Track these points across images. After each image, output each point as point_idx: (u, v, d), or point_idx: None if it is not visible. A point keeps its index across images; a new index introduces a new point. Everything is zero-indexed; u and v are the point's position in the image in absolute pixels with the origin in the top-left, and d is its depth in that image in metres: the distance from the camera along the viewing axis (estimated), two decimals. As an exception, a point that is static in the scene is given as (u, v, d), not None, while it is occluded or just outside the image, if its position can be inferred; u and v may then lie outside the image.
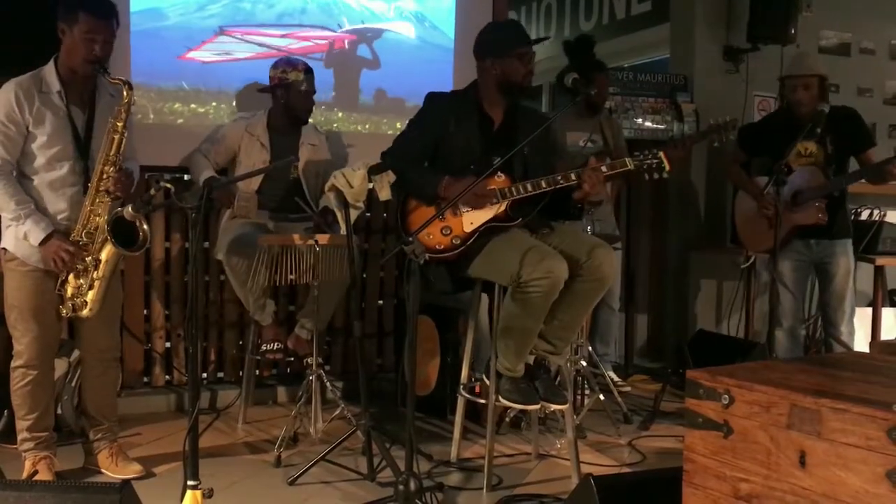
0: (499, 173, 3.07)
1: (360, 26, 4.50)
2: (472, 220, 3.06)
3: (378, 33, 4.53)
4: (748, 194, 4.30)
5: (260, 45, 4.28)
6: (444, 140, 3.17)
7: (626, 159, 3.05)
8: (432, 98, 3.29)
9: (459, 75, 4.52)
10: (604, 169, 3.02)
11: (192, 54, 4.15)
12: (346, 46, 4.48)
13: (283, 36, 4.33)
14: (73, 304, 2.99)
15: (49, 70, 2.97)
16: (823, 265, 4.05)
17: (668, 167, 3.02)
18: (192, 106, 4.18)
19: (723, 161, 5.19)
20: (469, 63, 4.53)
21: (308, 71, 3.89)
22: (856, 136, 3.96)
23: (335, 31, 4.43)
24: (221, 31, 4.22)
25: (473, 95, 3.23)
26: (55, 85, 2.95)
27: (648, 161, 3.02)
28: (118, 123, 2.94)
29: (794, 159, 3.97)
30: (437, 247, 3.04)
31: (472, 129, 3.17)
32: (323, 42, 4.42)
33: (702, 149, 5.12)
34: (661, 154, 3.02)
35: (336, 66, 4.45)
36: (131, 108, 2.97)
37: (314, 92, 3.92)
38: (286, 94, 3.86)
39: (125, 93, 2.94)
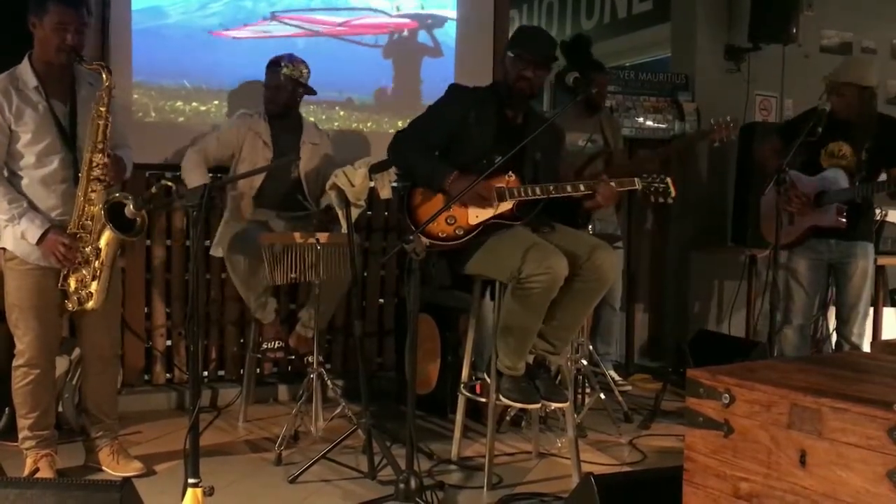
0: (509, 173, 3.08)
1: (421, 11, 4.55)
2: (478, 213, 3.07)
3: (440, 21, 4.58)
4: (765, 174, 4.25)
5: (309, 30, 4.33)
6: (460, 132, 3.16)
7: (635, 179, 3.11)
8: (455, 89, 3.28)
9: (460, 74, 4.52)
10: (612, 184, 3.05)
11: (231, 32, 4.20)
12: (407, 34, 4.52)
13: (341, 24, 4.36)
14: (78, 298, 2.98)
15: (24, 67, 2.95)
16: (841, 265, 4.02)
17: (673, 193, 3.09)
18: (194, 104, 4.18)
19: (723, 160, 5.20)
20: (469, 62, 4.59)
21: (271, 63, 3.90)
22: (893, 148, 3.92)
23: (391, 16, 4.48)
24: (273, 16, 4.25)
25: (495, 93, 3.23)
26: (31, 81, 2.93)
27: (656, 185, 3.08)
28: (101, 109, 2.91)
29: (825, 159, 3.94)
30: (439, 235, 3.05)
31: (490, 126, 3.16)
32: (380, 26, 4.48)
33: (702, 148, 5.13)
34: (669, 180, 3.09)
35: (395, 55, 4.54)
36: (112, 91, 2.93)
37: (282, 84, 3.87)
38: (263, 89, 3.93)
39: (104, 77, 2.91)
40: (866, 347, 4.14)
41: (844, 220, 3.85)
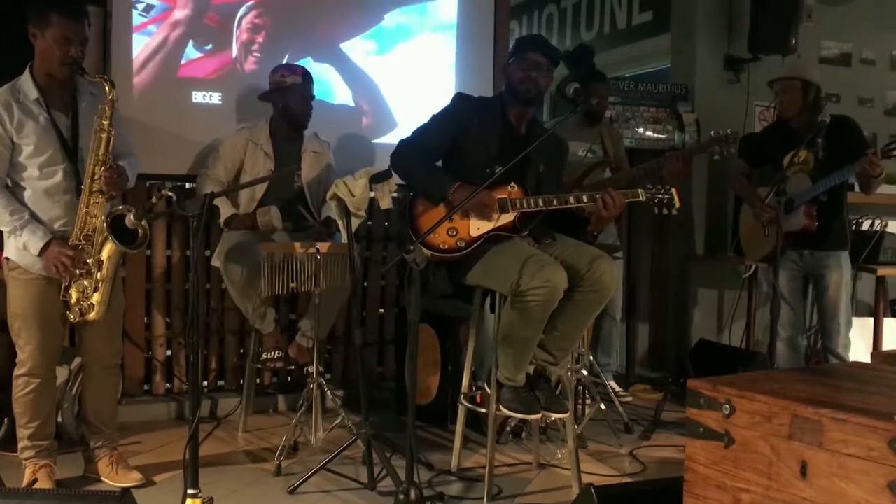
0: (512, 184, 3.08)
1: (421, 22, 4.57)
2: (480, 225, 3.07)
3: (441, 33, 4.61)
4: (748, 203, 4.32)
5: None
6: (463, 140, 3.17)
7: (639, 190, 3.07)
8: (460, 98, 3.30)
9: (460, 86, 4.53)
10: (619, 195, 3.03)
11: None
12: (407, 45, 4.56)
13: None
14: (79, 309, 2.98)
15: (25, 78, 2.95)
16: (816, 276, 4.05)
17: (678, 204, 3.06)
18: (196, 113, 4.18)
19: (724, 171, 5.21)
20: (469, 74, 4.60)
21: (306, 75, 3.91)
22: (848, 143, 3.94)
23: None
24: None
25: (500, 103, 3.24)
26: (32, 93, 2.94)
27: (660, 196, 3.06)
28: (104, 122, 2.92)
29: (789, 168, 3.98)
30: (441, 246, 3.04)
31: (493, 134, 3.17)
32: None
33: (702, 159, 5.13)
34: (674, 190, 3.06)
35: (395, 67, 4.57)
36: (115, 104, 2.94)
37: (312, 97, 3.94)
38: (284, 99, 3.88)
39: (108, 90, 2.92)
40: (858, 356, 4.15)
41: (813, 219, 3.87)
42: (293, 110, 3.88)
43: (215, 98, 4.20)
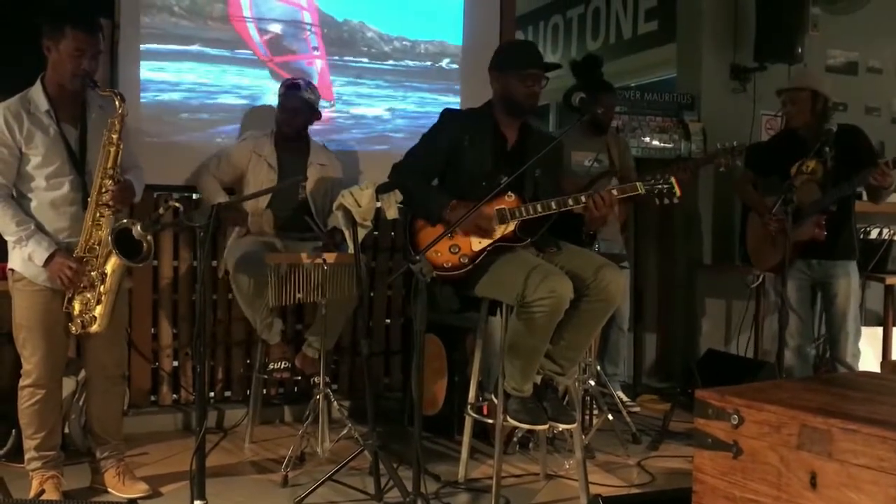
0: (509, 193, 3.06)
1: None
2: (481, 240, 3.05)
3: (447, 44, 4.65)
4: (756, 212, 4.31)
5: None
6: (456, 156, 3.15)
7: (637, 183, 3.01)
8: (447, 114, 3.28)
9: (466, 96, 4.54)
10: (614, 192, 3.00)
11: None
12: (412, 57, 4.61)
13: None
14: (82, 321, 2.98)
15: (36, 90, 2.97)
16: (824, 286, 4.04)
17: (678, 192, 2.99)
18: (200, 125, 4.20)
19: (730, 180, 5.21)
20: (475, 84, 4.60)
21: (291, 86, 3.90)
22: (857, 153, 3.94)
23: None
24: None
25: (489, 113, 3.22)
26: (43, 104, 2.95)
27: (659, 186, 2.99)
28: (113, 136, 2.94)
29: (797, 178, 3.97)
30: (445, 265, 3.04)
31: (485, 147, 3.15)
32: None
33: (709, 168, 5.13)
34: (673, 179, 2.99)
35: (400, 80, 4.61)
36: (125, 119, 2.96)
37: (300, 108, 3.89)
38: (277, 111, 3.92)
39: (118, 104, 2.93)
40: (866, 366, 4.13)
41: (822, 229, 3.86)
42: (280, 122, 3.91)
43: (221, 106, 4.20)
